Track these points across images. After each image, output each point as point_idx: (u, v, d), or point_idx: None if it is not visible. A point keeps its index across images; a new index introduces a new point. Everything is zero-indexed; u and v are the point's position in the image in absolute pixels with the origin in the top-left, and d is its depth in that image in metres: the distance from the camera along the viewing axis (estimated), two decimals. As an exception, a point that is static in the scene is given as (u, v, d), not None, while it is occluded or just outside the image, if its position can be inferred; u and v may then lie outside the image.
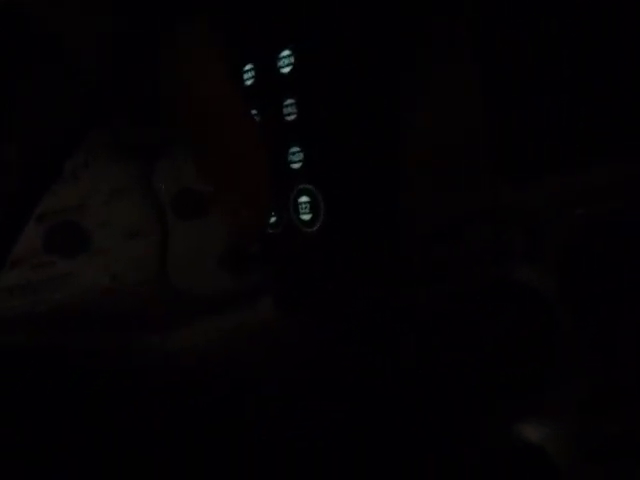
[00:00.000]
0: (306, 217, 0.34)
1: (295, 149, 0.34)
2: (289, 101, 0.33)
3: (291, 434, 0.36)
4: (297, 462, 0.35)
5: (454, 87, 0.34)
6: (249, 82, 0.35)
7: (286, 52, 0.33)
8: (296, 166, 0.34)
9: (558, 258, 0.36)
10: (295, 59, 0.33)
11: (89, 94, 0.37)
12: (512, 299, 0.35)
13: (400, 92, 0.33)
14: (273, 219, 0.36)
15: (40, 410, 0.46)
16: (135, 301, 0.60)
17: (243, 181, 0.30)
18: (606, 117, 0.33)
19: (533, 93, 0.34)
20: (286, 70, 0.33)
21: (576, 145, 0.34)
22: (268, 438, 0.37)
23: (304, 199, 0.34)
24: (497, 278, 0.36)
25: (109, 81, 0.35)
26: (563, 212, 0.35)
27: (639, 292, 0.35)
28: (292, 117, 0.33)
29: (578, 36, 0.33)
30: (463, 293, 0.36)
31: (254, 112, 0.35)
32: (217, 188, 0.32)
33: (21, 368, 0.49)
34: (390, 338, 0.35)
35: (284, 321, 0.39)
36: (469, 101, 0.34)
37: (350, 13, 0.33)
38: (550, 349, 0.35)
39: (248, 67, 0.35)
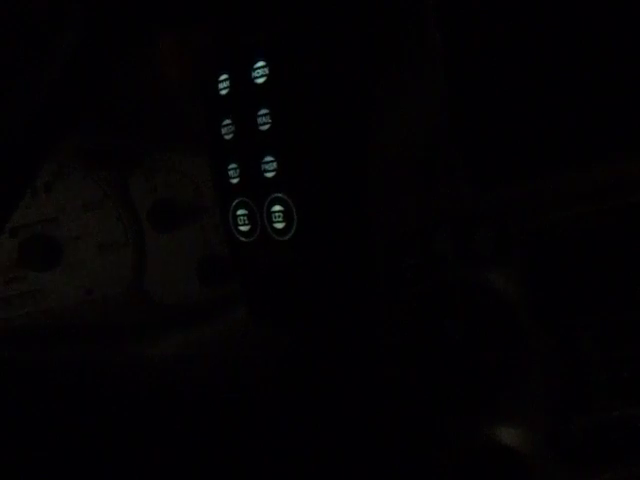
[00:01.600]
0: (279, 225, 0.35)
1: (269, 158, 0.34)
2: (263, 111, 0.34)
3: (271, 437, 0.36)
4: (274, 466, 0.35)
5: (422, 93, 0.35)
6: (224, 92, 0.36)
7: (260, 63, 0.34)
8: (270, 175, 0.34)
9: (525, 262, 0.37)
10: (269, 70, 0.33)
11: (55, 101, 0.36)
12: (479, 302, 0.36)
13: (369, 102, 0.34)
14: (247, 227, 0.36)
15: (19, 422, 0.45)
16: (111, 313, 0.60)
17: None
18: (576, 121, 0.34)
19: (502, 97, 0.35)
20: (260, 80, 0.34)
21: (545, 150, 0.35)
22: (250, 442, 0.37)
23: (277, 208, 0.34)
24: (464, 281, 0.37)
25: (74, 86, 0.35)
26: (531, 217, 0.36)
27: (604, 294, 0.36)
28: (266, 127, 0.34)
29: (545, 42, 0.34)
30: (431, 296, 0.36)
31: (228, 122, 0.36)
32: None
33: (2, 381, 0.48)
34: (360, 342, 0.35)
35: (258, 329, 0.40)
36: (436, 106, 0.35)
37: (322, 25, 0.33)
38: (516, 351, 0.35)
39: (223, 77, 0.36)
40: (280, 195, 0.34)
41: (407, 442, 0.38)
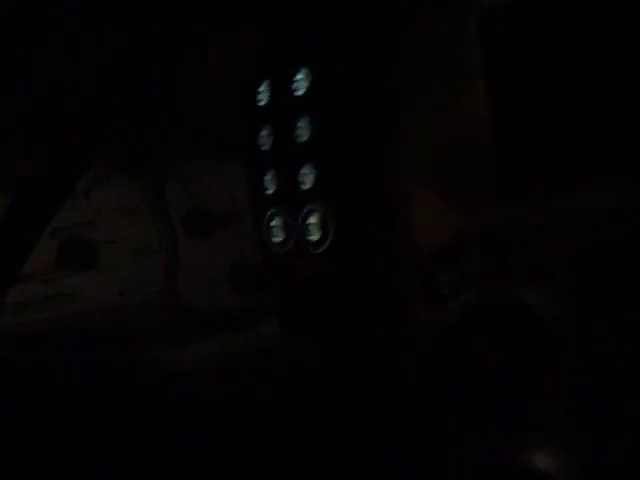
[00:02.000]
0: (314, 237, 0.34)
1: (306, 169, 0.34)
2: (302, 122, 0.34)
3: (295, 450, 0.35)
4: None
5: (461, 111, 0.34)
6: (263, 102, 0.36)
7: (301, 75, 0.34)
8: (306, 186, 0.34)
9: (563, 281, 0.35)
10: (310, 82, 0.33)
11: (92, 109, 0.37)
12: (513, 321, 0.35)
13: (409, 117, 0.34)
14: (281, 238, 0.36)
15: (53, 424, 0.46)
16: (143, 317, 0.61)
17: None
18: (612, 140, 0.33)
19: (539, 114, 0.34)
20: (300, 92, 0.34)
21: (579, 167, 0.34)
22: (274, 455, 0.37)
23: (313, 219, 0.34)
24: (499, 299, 0.36)
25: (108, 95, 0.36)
26: (568, 235, 0.35)
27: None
28: (304, 138, 0.34)
29: (584, 62, 0.33)
30: (465, 313, 0.35)
31: (266, 132, 0.36)
32: None
33: (35, 384, 0.49)
34: (393, 359, 0.34)
35: (287, 341, 0.39)
36: (474, 123, 0.34)
37: (364, 41, 0.33)
38: (550, 372, 0.34)
39: (262, 87, 0.36)
40: (317, 207, 0.34)
41: (435, 462, 0.37)
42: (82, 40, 0.40)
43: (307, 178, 0.34)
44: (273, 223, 0.36)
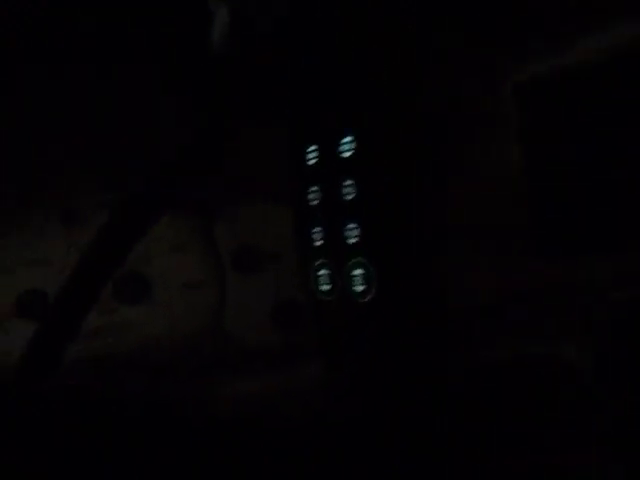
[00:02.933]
0: (359, 288, 0.37)
1: (352, 226, 0.37)
2: (348, 182, 0.37)
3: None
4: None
5: (498, 170, 0.37)
6: (312, 162, 0.39)
7: (348, 139, 0.37)
8: (352, 241, 0.37)
9: (597, 338, 0.37)
10: (356, 146, 0.36)
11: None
12: (550, 375, 0.37)
13: (446, 178, 0.36)
14: (328, 287, 0.39)
15: (94, 454, 0.49)
16: (191, 351, 0.64)
17: None
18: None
19: (572, 177, 0.36)
20: (347, 154, 0.37)
21: (613, 227, 0.36)
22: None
23: (358, 272, 0.37)
24: (536, 354, 0.37)
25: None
26: (602, 293, 0.37)
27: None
28: (350, 197, 0.37)
29: (613, 129, 0.35)
30: (503, 367, 0.37)
31: (315, 189, 0.39)
32: None
33: (93, 414, 0.52)
34: (429, 407, 0.36)
35: (331, 385, 0.41)
36: (509, 184, 0.36)
37: (403, 107, 0.36)
38: (588, 428, 0.35)
39: (312, 148, 0.39)
40: (361, 260, 0.37)
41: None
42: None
43: (352, 233, 0.37)
44: (320, 273, 0.39)
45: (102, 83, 0.51)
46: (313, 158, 0.39)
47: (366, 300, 0.37)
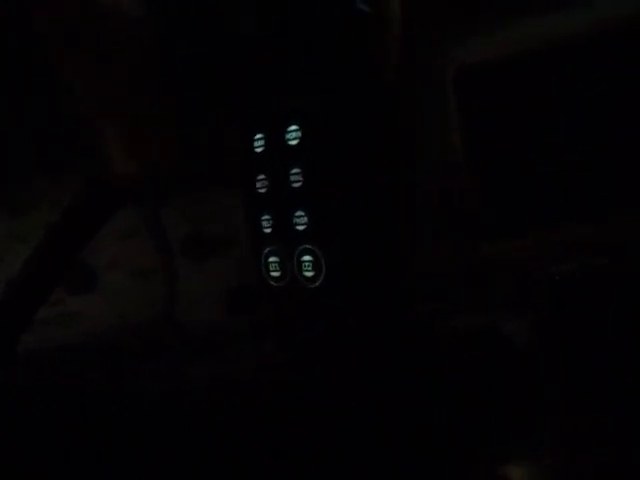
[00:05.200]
0: (309, 274, 0.38)
1: (300, 213, 0.37)
2: (295, 170, 0.37)
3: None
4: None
5: (443, 154, 0.38)
6: (259, 150, 0.39)
7: (294, 127, 0.37)
8: (301, 228, 0.37)
9: (541, 310, 0.39)
10: (302, 133, 0.37)
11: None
12: (496, 348, 0.39)
13: (394, 163, 0.37)
14: (278, 274, 0.39)
15: (50, 446, 0.48)
16: (142, 338, 0.63)
17: None
18: (588, 175, 0.37)
19: (517, 152, 0.38)
20: (294, 142, 0.37)
21: (559, 202, 0.38)
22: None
23: (307, 258, 0.37)
24: (482, 328, 0.39)
25: None
26: (547, 266, 0.39)
27: (622, 340, 0.38)
28: (298, 184, 0.37)
29: (555, 112, 0.37)
30: (450, 342, 0.39)
31: (263, 177, 0.39)
32: None
33: (34, 404, 0.51)
34: (385, 387, 0.38)
35: (287, 363, 0.42)
36: (456, 162, 0.38)
37: (350, 93, 0.37)
38: (532, 394, 0.38)
39: (259, 136, 0.39)
40: (310, 246, 0.37)
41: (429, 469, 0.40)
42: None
43: (300, 220, 0.37)
44: (270, 259, 0.40)
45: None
46: (260, 146, 0.39)
47: (315, 285, 0.37)
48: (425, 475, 0.37)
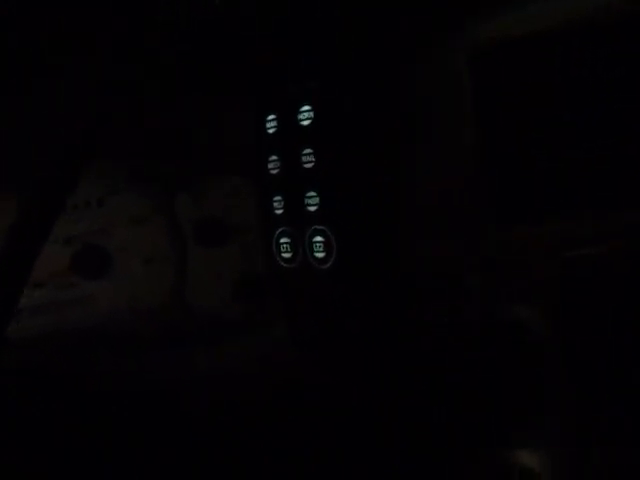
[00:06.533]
0: (320, 255, 0.38)
1: (311, 194, 0.37)
2: (307, 150, 0.37)
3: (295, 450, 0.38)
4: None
5: (455, 140, 0.38)
6: (271, 131, 0.39)
7: (306, 107, 0.37)
8: (312, 209, 0.37)
9: (548, 299, 0.39)
10: (314, 114, 0.37)
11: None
12: (505, 337, 0.38)
13: (405, 146, 0.37)
14: (289, 255, 0.40)
15: (58, 428, 0.49)
16: (152, 323, 0.64)
17: None
18: (592, 168, 0.36)
19: (525, 144, 0.37)
20: (306, 123, 0.37)
21: (565, 193, 0.37)
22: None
23: (318, 239, 0.37)
24: (491, 317, 0.39)
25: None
26: (553, 256, 0.38)
27: (624, 329, 0.37)
28: (310, 165, 0.37)
29: (567, 99, 0.36)
30: (461, 330, 0.39)
31: (275, 158, 0.39)
32: None
33: (46, 387, 0.52)
34: (394, 371, 0.38)
35: (296, 349, 0.42)
36: (465, 152, 0.37)
37: (362, 76, 0.37)
38: (540, 382, 0.37)
39: (271, 117, 0.39)
40: (321, 227, 0.37)
41: (437, 467, 0.40)
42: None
43: (312, 201, 0.37)
44: (282, 240, 0.40)
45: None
46: (272, 127, 0.39)
47: (327, 266, 0.37)
48: (425, 474, 0.37)
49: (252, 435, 0.46)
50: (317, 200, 0.37)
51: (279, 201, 0.39)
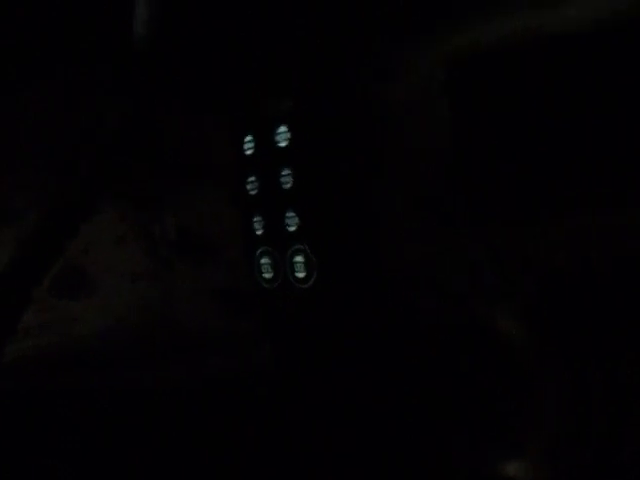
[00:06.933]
0: (300, 275, 0.38)
1: (291, 214, 0.37)
2: (286, 171, 0.37)
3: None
4: None
5: (432, 150, 0.38)
6: (249, 152, 0.39)
7: (283, 128, 0.37)
8: (292, 229, 0.37)
9: (528, 302, 0.39)
10: (291, 135, 0.37)
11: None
12: (484, 341, 0.39)
13: (381, 164, 0.37)
14: (270, 275, 0.39)
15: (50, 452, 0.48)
16: (138, 343, 0.63)
17: None
18: (574, 168, 0.37)
19: (504, 142, 0.37)
20: (283, 144, 0.37)
21: (547, 194, 0.38)
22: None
23: (299, 259, 0.37)
24: (468, 321, 0.39)
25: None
26: (534, 259, 0.39)
27: (609, 332, 0.38)
28: (288, 185, 0.37)
29: (550, 97, 0.37)
30: (440, 336, 0.39)
31: (253, 179, 0.39)
32: None
33: (34, 413, 0.51)
34: (378, 382, 0.38)
35: (279, 367, 0.42)
36: (442, 156, 0.38)
37: (336, 95, 0.37)
38: (521, 389, 0.38)
39: (248, 138, 0.39)
40: (301, 247, 0.37)
41: (417, 469, 0.40)
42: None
43: (292, 221, 0.37)
44: (263, 261, 0.40)
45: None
46: (250, 148, 0.39)
47: (308, 286, 0.37)
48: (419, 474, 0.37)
49: (238, 447, 0.46)
50: (296, 220, 0.37)
51: (259, 221, 0.39)
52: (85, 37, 0.42)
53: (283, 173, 0.37)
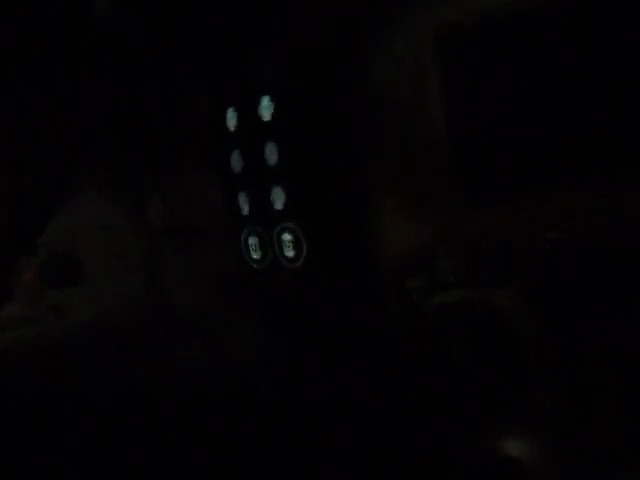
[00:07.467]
0: (290, 254, 0.36)
1: (277, 190, 0.36)
2: (270, 146, 0.35)
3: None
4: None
5: (423, 121, 0.36)
6: (232, 127, 0.37)
7: (266, 100, 0.35)
8: (279, 206, 0.36)
9: (528, 282, 0.38)
10: (275, 107, 0.35)
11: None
12: (483, 322, 0.37)
13: (370, 133, 0.36)
14: (258, 255, 0.38)
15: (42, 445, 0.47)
16: (130, 329, 0.62)
17: None
18: (574, 140, 0.35)
19: (501, 119, 0.36)
20: (267, 118, 0.35)
21: (544, 168, 0.36)
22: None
23: (287, 237, 0.36)
24: (468, 302, 0.38)
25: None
26: (533, 236, 0.37)
27: (607, 311, 0.37)
28: (274, 160, 0.35)
29: (544, 67, 0.35)
30: (436, 317, 0.38)
31: (237, 155, 0.37)
32: None
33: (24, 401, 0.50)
34: (369, 363, 0.37)
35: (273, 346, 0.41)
36: (438, 130, 0.36)
37: (324, 64, 0.35)
38: (520, 370, 0.37)
39: (230, 112, 0.37)
40: (290, 224, 0.36)
41: (415, 457, 0.39)
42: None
43: (278, 198, 0.36)
44: (250, 241, 0.38)
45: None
46: (232, 123, 0.37)
47: (297, 265, 0.36)
48: (417, 452, 0.36)
49: (234, 429, 0.45)
50: (283, 197, 0.36)
51: (244, 199, 0.38)
52: (85, 37, 0.40)
53: (268, 148, 0.36)
